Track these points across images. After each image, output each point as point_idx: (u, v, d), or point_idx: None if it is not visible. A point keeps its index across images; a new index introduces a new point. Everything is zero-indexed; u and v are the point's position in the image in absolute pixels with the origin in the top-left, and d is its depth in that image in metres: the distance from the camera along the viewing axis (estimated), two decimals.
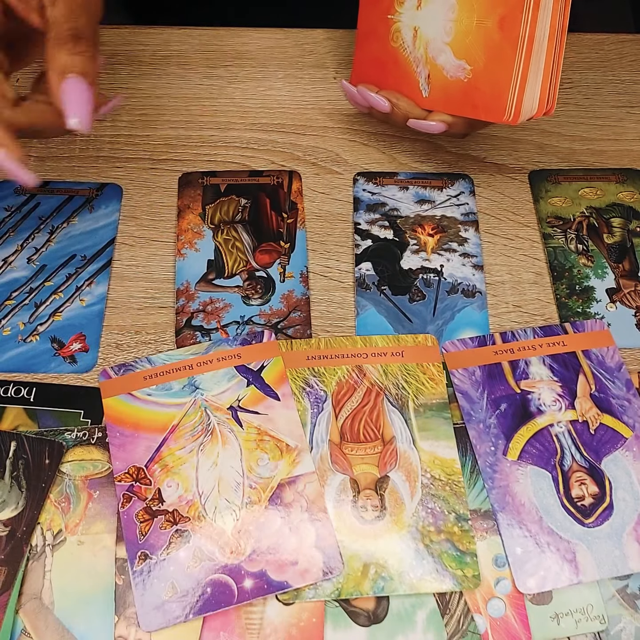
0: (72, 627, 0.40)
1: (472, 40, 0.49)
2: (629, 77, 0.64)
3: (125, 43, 0.64)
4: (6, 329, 0.50)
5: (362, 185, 0.57)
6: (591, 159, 0.60)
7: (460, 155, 0.60)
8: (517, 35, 0.46)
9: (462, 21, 0.49)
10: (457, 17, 0.49)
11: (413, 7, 0.52)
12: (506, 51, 0.47)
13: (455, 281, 0.53)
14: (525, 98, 0.48)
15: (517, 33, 0.46)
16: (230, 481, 0.44)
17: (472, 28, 0.49)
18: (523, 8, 0.46)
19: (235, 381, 0.48)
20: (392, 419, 0.47)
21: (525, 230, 0.56)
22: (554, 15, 0.47)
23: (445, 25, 0.50)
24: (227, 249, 0.54)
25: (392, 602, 0.42)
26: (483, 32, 0.48)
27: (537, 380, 0.49)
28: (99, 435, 0.46)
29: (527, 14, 0.46)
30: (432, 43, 0.51)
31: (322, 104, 0.62)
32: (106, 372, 0.48)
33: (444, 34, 0.50)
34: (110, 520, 0.43)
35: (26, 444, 0.45)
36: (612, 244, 0.55)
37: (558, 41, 0.48)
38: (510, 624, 0.42)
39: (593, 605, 0.42)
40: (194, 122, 0.60)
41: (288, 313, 0.51)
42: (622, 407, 0.48)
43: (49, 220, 0.54)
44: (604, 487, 0.45)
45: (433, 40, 0.51)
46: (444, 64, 0.51)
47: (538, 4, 0.46)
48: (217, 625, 0.41)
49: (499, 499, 0.45)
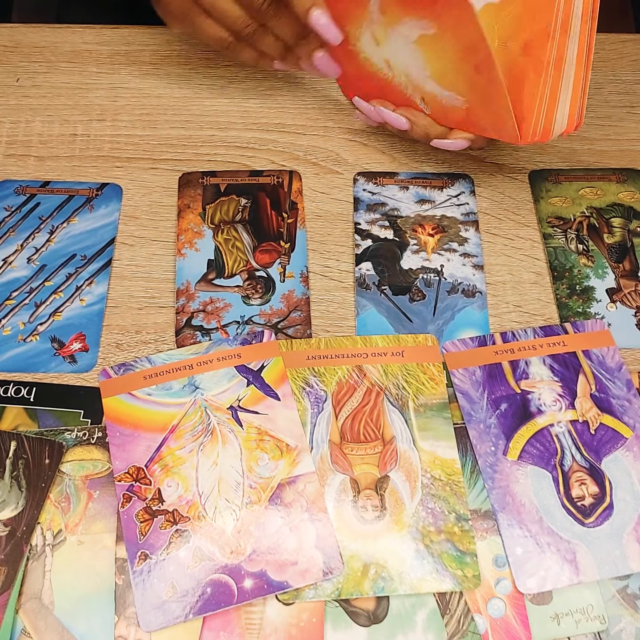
0: (72, 627, 0.40)
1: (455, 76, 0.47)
2: (629, 77, 0.64)
3: (125, 43, 0.64)
4: (6, 329, 0.50)
5: (362, 185, 0.57)
6: (591, 159, 0.60)
7: (460, 155, 0.59)
8: (542, 61, 0.45)
9: (438, 61, 0.47)
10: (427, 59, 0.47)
11: (371, 44, 0.49)
12: (530, 75, 0.46)
13: (456, 281, 0.53)
14: (556, 117, 0.48)
15: (543, 59, 0.45)
16: (230, 481, 0.44)
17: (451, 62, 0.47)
18: (549, 34, 0.44)
19: (235, 381, 0.48)
20: (392, 419, 0.47)
21: (525, 230, 0.56)
22: (582, 35, 0.46)
23: (418, 63, 0.48)
24: (227, 249, 0.54)
25: (392, 602, 0.42)
26: (506, 54, 0.46)
27: (537, 380, 0.49)
28: (99, 435, 0.46)
29: (553, 40, 0.45)
30: (412, 74, 0.49)
31: (323, 104, 0.62)
32: (106, 371, 0.48)
33: (422, 67, 0.48)
34: (110, 520, 0.43)
35: (26, 443, 0.45)
36: (613, 244, 0.55)
37: (586, 58, 0.47)
38: (510, 624, 0.42)
39: (593, 605, 0.42)
40: (194, 122, 0.60)
41: (288, 313, 0.51)
42: (622, 407, 0.48)
43: (49, 220, 0.54)
44: (604, 487, 0.45)
45: (411, 72, 0.49)
46: (434, 91, 0.49)
47: (567, 29, 0.45)
48: (217, 625, 0.41)
49: (499, 499, 0.45)
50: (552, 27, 0.45)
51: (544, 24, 0.45)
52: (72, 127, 0.59)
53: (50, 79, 0.62)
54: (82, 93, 0.61)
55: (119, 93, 0.61)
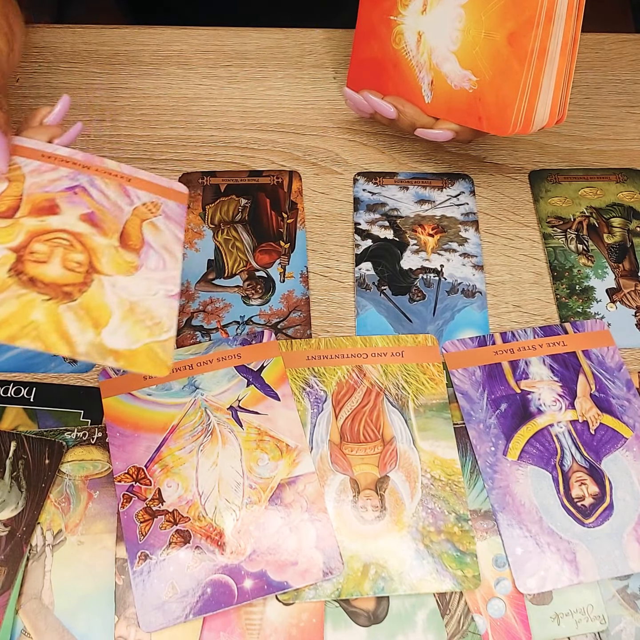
0: (72, 627, 0.40)
1: (479, 51, 0.48)
2: (629, 77, 0.64)
3: (125, 43, 0.64)
4: None
5: (362, 185, 0.57)
6: (591, 159, 0.60)
7: (460, 155, 0.60)
8: (527, 50, 0.46)
9: (470, 32, 0.48)
10: (464, 27, 0.48)
11: (417, 11, 0.51)
12: (514, 66, 0.46)
13: (455, 281, 0.53)
14: (537, 109, 0.48)
15: (527, 49, 0.46)
16: (230, 481, 0.44)
17: (480, 40, 0.48)
18: (534, 24, 0.45)
19: (235, 381, 0.48)
20: (392, 419, 0.47)
21: (525, 230, 0.56)
22: (567, 27, 0.46)
23: (452, 33, 0.49)
24: (227, 249, 0.54)
25: (392, 602, 0.42)
26: (491, 45, 0.47)
27: (537, 380, 0.49)
28: (99, 435, 0.46)
29: (537, 29, 0.45)
30: (436, 50, 0.50)
31: (322, 104, 0.62)
32: (106, 371, 0.48)
33: (450, 42, 0.49)
34: (110, 520, 0.43)
35: (26, 444, 0.45)
36: (612, 244, 0.55)
37: (570, 51, 0.47)
38: (510, 624, 0.42)
39: (593, 605, 0.42)
40: (194, 122, 0.60)
41: (288, 313, 0.51)
42: (622, 407, 0.48)
43: None
44: (604, 487, 0.45)
45: (438, 48, 0.50)
46: (449, 72, 0.50)
47: (551, 18, 0.45)
48: (217, 625, 0.41)
49: (499, 499, 0.45)
50: (536, 16, 0.45)
51: (529, 14, 0.45)
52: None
53: (50, 79, 0.62)
54: (82, 93, 0.61)
55: (119, 93, 0.61)
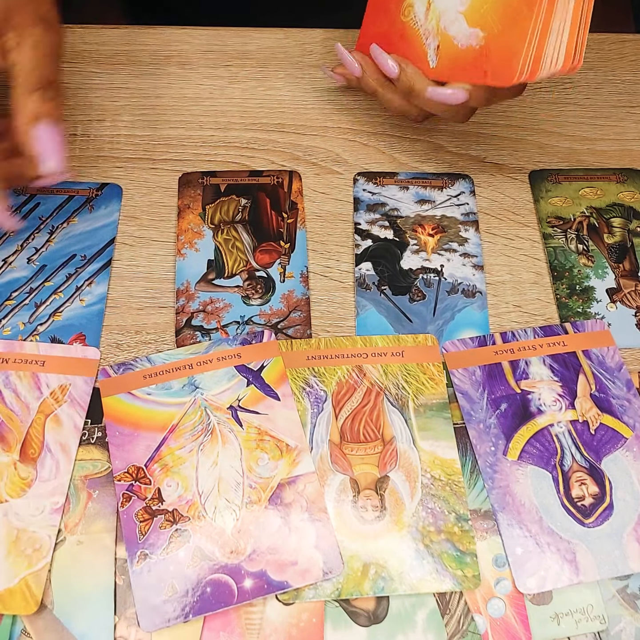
0: (72, 627, 0.40)
1: (489, 7, 0.47)
2: (629, 77, 0.64)
3: (125, 43, 0.64)
4: (6, 329, 0.50)
5: (362, 185, 0.57)
6: (591, 159, 0.60)
7: (460, 155, 0.60)
8: None
9: None
10: None
11: None
12: (523, 11, 0.45)
13: (456, 281, 0.53)
14: (545, 53, 0.47)
15: None
16: (230, 481, 0.44)
17: None
18: None
19: (235, 381, 0.48)
20: (392, 419, 0.47)
21: (525, 230, 0.56)
22: None
23: None
24: (227, 249, 0.54)
25: (392, 602, 0.42)
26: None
27: (537, 380, 0.49)
28: (98, 434, 0.46)
29: None
30: (445, 14, 0.50)
31: (322, 104, 0.62)
32: (105, 371, 0.48)
33: (459, 3, 0.49)
34: (110, 519, 0.43)
35: None
36: (613, 244, 0.55)
37: None
38: (510, 624, 0.42)
39: (593, 605, 0.42)
40: (194, 122, 0.60)
41: (288, 313, 0.51)
42: (622, 407, 0.48)
43: (49, 220, 0.54)
44: (604, 487, 0.45)
45: (446, 12, 0.50)
46: (456, 33, 0.50)
47: None
48: (217, 625, 0.41)
49: (499, 499, 0.45)
50: None
51: None
52: (72, 127, 0.59)
53: None
54: (82, 93, 0.61)
55: (119, 93, 0.61)
